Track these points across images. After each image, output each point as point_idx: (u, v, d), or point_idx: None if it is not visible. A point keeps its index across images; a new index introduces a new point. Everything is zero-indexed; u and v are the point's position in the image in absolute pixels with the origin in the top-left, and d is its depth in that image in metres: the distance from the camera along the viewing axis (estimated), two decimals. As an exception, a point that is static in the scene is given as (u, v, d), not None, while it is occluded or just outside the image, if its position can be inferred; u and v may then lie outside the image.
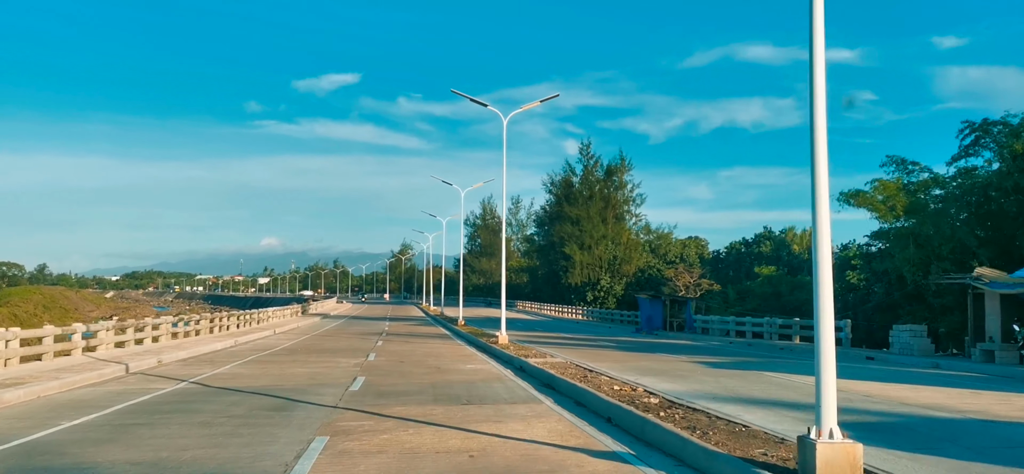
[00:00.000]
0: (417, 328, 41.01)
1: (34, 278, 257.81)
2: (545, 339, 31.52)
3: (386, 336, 32.66)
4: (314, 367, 18.11)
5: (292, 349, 24.21)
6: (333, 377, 15.72)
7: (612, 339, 32.94)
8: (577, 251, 74.81)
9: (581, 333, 37.73)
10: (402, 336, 32.63)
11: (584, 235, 75.70)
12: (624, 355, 23.09)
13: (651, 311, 38.96)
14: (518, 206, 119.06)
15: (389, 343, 27.71)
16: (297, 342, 28.14)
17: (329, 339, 30.02)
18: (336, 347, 25.20)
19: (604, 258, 75.98)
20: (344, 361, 19.68)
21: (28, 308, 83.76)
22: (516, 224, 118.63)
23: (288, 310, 53.12)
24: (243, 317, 36.94)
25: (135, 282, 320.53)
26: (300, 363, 19.22)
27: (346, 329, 39.32)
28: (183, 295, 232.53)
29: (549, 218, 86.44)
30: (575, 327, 45.95)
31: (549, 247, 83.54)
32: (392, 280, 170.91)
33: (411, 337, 32.14)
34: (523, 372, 16.91)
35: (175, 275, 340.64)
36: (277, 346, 25.92)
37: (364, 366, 18.23)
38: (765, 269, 58.13)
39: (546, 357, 18.95)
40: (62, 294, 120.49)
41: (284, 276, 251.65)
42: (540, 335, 34.38)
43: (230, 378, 15.63)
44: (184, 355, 20.75)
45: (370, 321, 50.89)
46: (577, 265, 74.94)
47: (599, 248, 75.89)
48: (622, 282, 75.77)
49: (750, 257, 71.00)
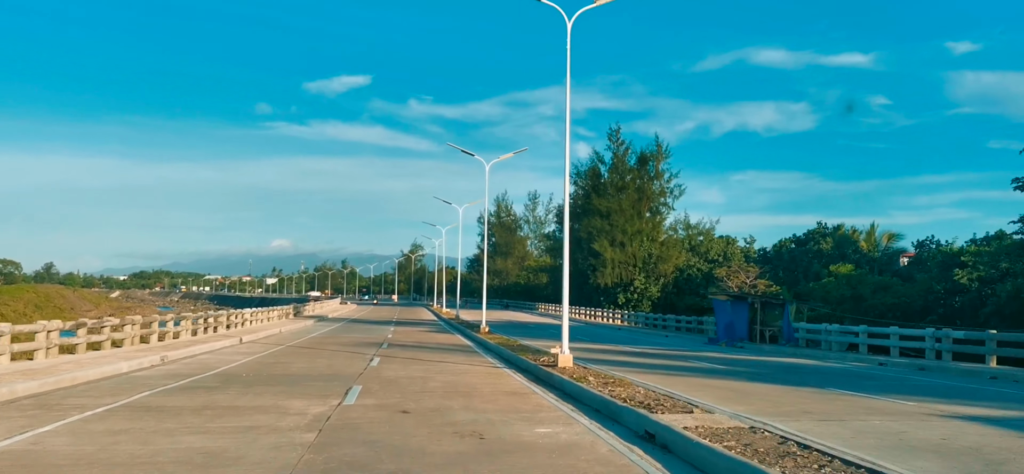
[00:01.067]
0: (429, 336, 31.97)
1: (40, 277, 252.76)
2: (606, 356, 22.43)
3: (387, 348, 23.62)
4: (212, 438, 8.82)
5: (227, 376, 15.05)
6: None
7: (693, 356, 23.76)
8: (608, 248, 65.49)
9: (639, 345, 28.61)
10: (409, 348, 23.58)
11: (615, 230, 66.36)
12: (761, 389, 13.94)
13: (732, 316, 29.65)
14: (536, 202, 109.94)
15: (388, 364, 18.59)
16: (253, 360, 19.04)
17: (303, 356, 20.90)
18: (303, 372, 16.06)
19: (639, 256, 66.64)
20: (294, 409, 10.50)
21: (17, 306, 77.90)
22: (534, 222, 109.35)
23: (276, 312, 44.13)
24: (207, 321, 27.99)
25: (142, 282, 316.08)
26: (187, 427, 9.43)
27: (337, 337, 30.26)
28: (189, 295, 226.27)
29: (573, 213, 77.02)
30: (622, 336, 36.79)
31: (574, 244, 74.24)
32: (401, 281, 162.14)
33: (421, 351, 23.03)
34: (668, 452, 7.74)
35: (182, 275, 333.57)
36: (218, 368, 16.81)
37: (329, 428, 9.08)
38: (843, 268, 48.69)
39: (689, 414, 9.78)
40: (58, 293, 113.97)
41: (292, 277, 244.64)
42: (593, 348, 25.28)
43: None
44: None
45: (372, 325, 41.83)
46: (608, 264, 65.61)
47: (633, 245, 66.55)
48: (658, 283, 66.43)
49: (806, 256, 61.52)
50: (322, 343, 26.05)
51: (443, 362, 18.99)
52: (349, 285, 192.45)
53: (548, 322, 52.89)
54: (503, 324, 44.27)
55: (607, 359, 20.65)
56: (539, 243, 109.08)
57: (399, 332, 34.81)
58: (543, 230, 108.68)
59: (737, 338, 29.19)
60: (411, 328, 39.42)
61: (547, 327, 43.44)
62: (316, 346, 24.41)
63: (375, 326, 41.35)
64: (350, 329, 37.38)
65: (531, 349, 21.44)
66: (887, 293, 45.55)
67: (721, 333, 30.10)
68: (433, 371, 16.58)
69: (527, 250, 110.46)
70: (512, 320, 53.22)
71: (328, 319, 50.70)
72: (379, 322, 46.96)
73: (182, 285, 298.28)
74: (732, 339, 29.25)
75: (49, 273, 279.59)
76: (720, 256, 68.77)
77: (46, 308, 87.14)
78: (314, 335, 31.37)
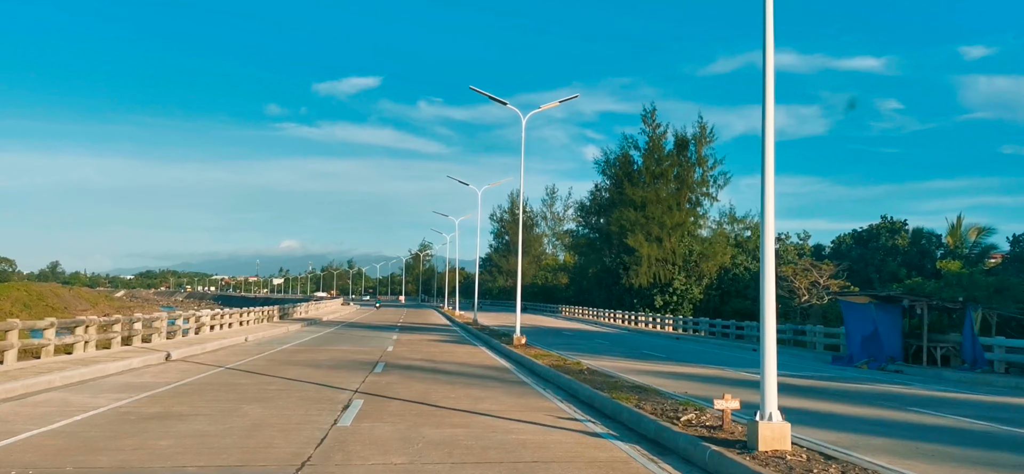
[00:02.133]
0: (444, 349, 23.09)
1: (44, 276, 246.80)
2: (715, 386, 13.57)
3: (382, 372, 14.78)
4: None
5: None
6: None
7: (838, 386, 14.84)
8: (644, 243, 56.40)
9: (735, 366, 19.78)
10: (416, 372, 14.76)
11: (651, 223, 57.26)
12: None
13: (876, 325, 20.54)
14: (553, 197, 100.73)
15: (380, 414, 9.77)
16: (105, 415, 10.23)
17: (222, 398, 12.07)
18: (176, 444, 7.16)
19: (678, 253, 57.57)
20: None
21: (3, 305, 73.97)
22: (551, 218, 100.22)
23: (253, 314, 35.35)
24: (134, 327, 19.28)
25: (148, 281, 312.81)
26: None
27: (316, 352, 21.44)
28: (194, 295, 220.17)
29: (599, 207, 68.08)
30: (696, 350, 27.99)
31: (603, 240, 65.08)
32: (409, 281, 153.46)
33: (437, 380, 14.13)
34: None
35: (189, 275, 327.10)
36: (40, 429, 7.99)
37: None
38: (952, 264, 39.64)
39: None
40: (53, 291, 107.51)
41: (299, 277, 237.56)
42: (678, 371, 16.46)
43: None
44: None
45: (370, 332, 32.99)
46: (644, 261, 56.53)
47: (672, 239, 57.49)
48: (701, 284, 57.36)
49: (877, 253, 52.34)
50: (288, 362, 17.20)
51: (481, 413, 10.09)
52: (355, 286, 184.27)
53: (585, 328, 43.86)
54: (536, 331, 35.43)
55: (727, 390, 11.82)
56: (556, 241, 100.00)
57: (403, 342, 25.99)
58: (561, 227, 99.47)
59: (885, 356, 20.12)
60: (419, 336, 30.60)
61: (591, 336, 34.64)
62: (271, 370, 15.55)
63: (374, 333, 32.54)
64: (341, 337, 28.57)
65: (623, 382, 12.57)
66: (1003, 296, 36.37)
67: (855, 349, 21.03)
68: (470, 439, 7.75)
69: (544, 248, 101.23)
70: (539, 325, 44.31)
71: (320, 323, 41.93)
72: (380, 327, 38.15)
73: (187, 285, 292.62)
74: (878, 358, 20.20)
75: (54, 272, 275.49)
76: (771, 253, 59.66)
77: (36, 307, 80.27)
78: (288, 346, 22.57)
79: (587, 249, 69.66)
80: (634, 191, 58.26)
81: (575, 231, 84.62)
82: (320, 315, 50.69)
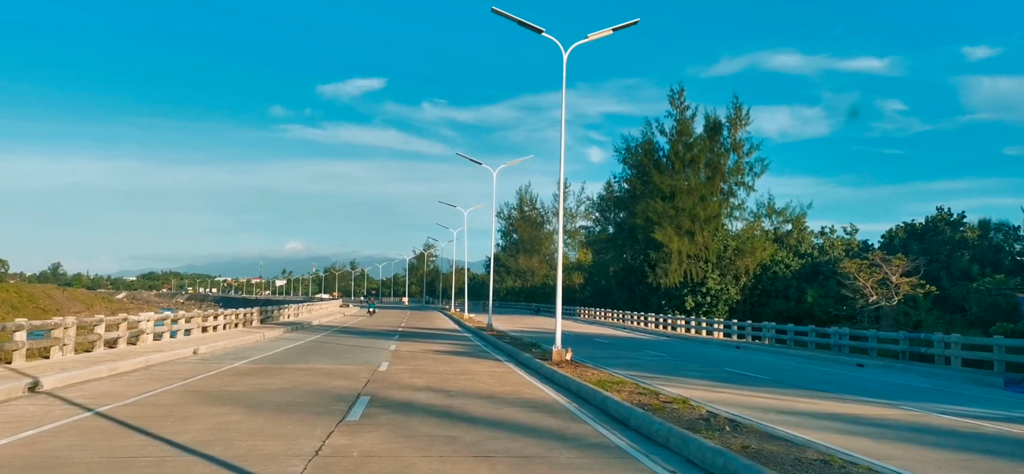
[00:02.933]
0: (457, 367, 16.73)
1: (44, 277, 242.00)
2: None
3: (361, 422, 8.44)
4: None
5: None
6: None
7: None
8: (674, 238, 50.00)
9: (880, 397, 13.59)
10: (420, 424, 8.49)
11: (681, 215, 50.85)
12: None
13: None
14: (567, 192, 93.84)
15: None
16: None
17: None
18: None
19: (712, 248, 51.19)
20: None
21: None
22: (564, 215, 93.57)
23: (224, 317, 29.02)
24: None
25: (150, 283, 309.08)
26: None
27: (279, 372, 15.11)
28: (195, 296, 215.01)
29: (620, 200, 61.76)
30: (768, 365, 21.73)
31: (625, 236, 58.65)
32: (413, 282, 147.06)
33: (453, 442, 7.78)
34: None
35: (192, 277, 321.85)
36: None
37: None
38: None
39: None
40: (45, 292, 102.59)
41: (301, 278, 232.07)
42: (822, 408, 10.20)
43: None
44: None
45: (365, 339, 26.68)
46: (674, 258, 50.15)
47: (705, 233, 51.10)
48: (738, 285, 50.98)
49: (942, 248, 45.82)
50: (217, 395, 10.91)
51: None
52: (359, 287, 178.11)
53: (615, 334, 37.43)
54: (573, 338, 29.02)
55: None
56: (569, 239, 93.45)
57: (403, 356, 19.64)
58: (573, 224, 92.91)
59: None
60: (424, 345, 24.24)
61: (634, 346, 28.27)
62: (166, 420, 9.21)
63: (368, 341, 26.21)
64: (323, 348, 22.26)
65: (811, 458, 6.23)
66: None
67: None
68: None
69: (553, 248, 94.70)
70: (565, 330, 37.83)
71: (308, 327, 35.67)
72: (377, 333, 31.86)
73: (189, 287, 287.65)
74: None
75: (55, 273, 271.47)
76: (814, 250, 53.20)
77: (25, 308, 75.21)
78: (242, 363, 16.26)
79: (606, 246, 63.14)
80: (662, 179, 51.85)
81: (590, 228, 78.28)
82: (311, 319, 44.44)
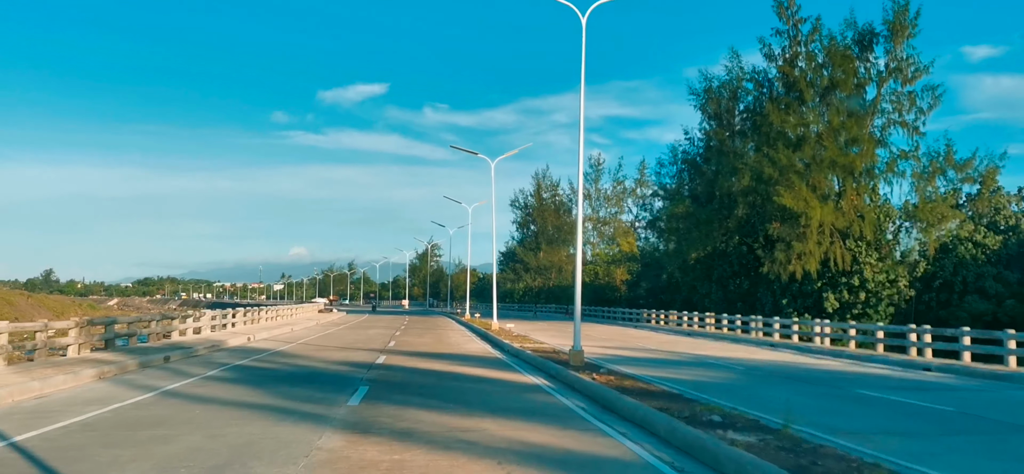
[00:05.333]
0: None
1: (36, 284, 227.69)
2: None
3: None
4: None
5: None
6: None
7: None
8: (815, 204, 31.89)
9: None
10: None
11: (819, 169, 32.81)
12: None
13: None
14: (598, 170, 75.20)
15: None
16: None
17: None
18: None
19: (868, 220, 33.05)
20: None
21: None
22: (597, 198, 75.03)
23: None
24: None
25: (144, 289, 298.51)
26: None
27: None
28: (188, 302, 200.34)
29: (693, 169, 43.83)
30: None
31: (715, 209, 40.30)
32: (415, 283, 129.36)
33: None
34: None
35: (189, 283, 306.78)
36: None
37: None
38: None
39: None
40: (5, 298, 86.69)
41: (300, 282, 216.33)
42: None
43: None
44: None
45: (290, 387, 8.89)
46: (812, 234, 32.03)
47: (857, 195, 33.06)
48: (912, 274, 32.83)
49: None
50: None
51: None
52: (358, 289, 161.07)
53: (744, 357, 19.04)
54: (655, 361, 10.80)
55: None
56: (602, 227, 75.06)
57: None
58: (609, 211, 74.50)
59: None
60: (416, 414, 6.01)
61: (837, 385, 9.84)
62: None
63: (292, 394, 8.12)
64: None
65: None
66: None
67: None
68: None
69: (588, 238, 75.87)
70: (649, 347, 19.74)
71: (221, 349, 17.63)
72: (329, 368, 13.85)
73: (182, 292, 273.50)
74: None
75: (48, 279, 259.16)
76: (1016, 220, 35.01)
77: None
78: None
79: (683, 224, 43.84)
80: (781, 118, 33.71)
81: (647, 206, 60.09)
82: (252, 332, 26.27)
